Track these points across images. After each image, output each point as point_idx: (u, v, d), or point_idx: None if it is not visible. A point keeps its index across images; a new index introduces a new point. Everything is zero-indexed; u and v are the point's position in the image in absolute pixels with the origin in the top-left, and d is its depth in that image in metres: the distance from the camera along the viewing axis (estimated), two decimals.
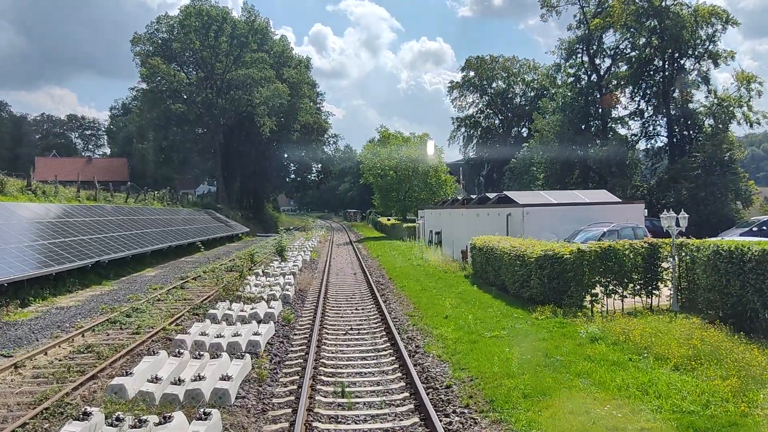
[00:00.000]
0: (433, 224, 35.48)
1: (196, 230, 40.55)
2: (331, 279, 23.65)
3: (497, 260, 17.91)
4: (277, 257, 29.34)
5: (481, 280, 20.09)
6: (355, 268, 27.66)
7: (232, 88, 60.19)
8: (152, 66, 57.29)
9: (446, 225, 31.25)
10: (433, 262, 26.85)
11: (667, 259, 14.72)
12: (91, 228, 26.08)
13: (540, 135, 60.69)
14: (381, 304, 16.64)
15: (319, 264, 30.23)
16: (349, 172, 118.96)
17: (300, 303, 17.98)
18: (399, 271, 25.15)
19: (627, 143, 54.09)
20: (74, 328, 14.41)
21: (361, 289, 20.67)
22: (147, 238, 30.22)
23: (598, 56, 58.96)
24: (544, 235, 22.92)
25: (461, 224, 27.98)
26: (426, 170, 51.76)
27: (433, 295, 17.87)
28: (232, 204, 67.58)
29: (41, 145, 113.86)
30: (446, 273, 23.17)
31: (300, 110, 67.42)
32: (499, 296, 16.90)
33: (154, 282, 23.14)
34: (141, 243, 28.62)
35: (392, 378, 10.09)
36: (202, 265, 29.37)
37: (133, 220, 32.51)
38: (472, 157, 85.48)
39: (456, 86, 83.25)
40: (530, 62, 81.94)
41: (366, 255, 35.77)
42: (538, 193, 27.18)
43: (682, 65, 49.95)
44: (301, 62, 72.85)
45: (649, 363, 9.40)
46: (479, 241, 20.69)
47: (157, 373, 9.22)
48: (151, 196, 45.15)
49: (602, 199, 26.09)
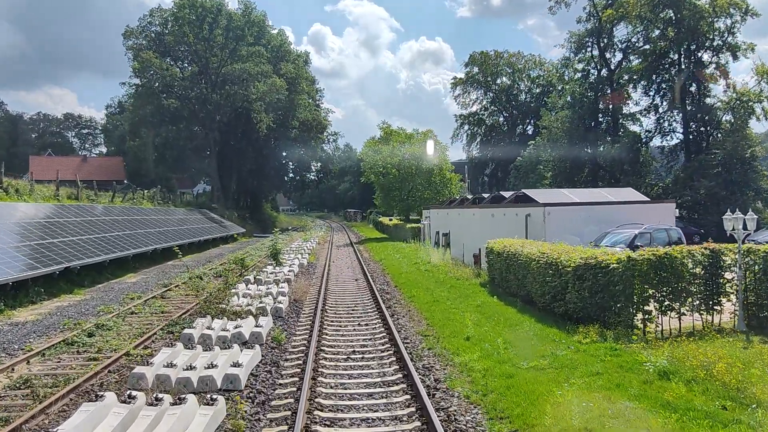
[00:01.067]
0: (440, 225, 33.13)
1: (187, 231, 38.17)
2: (330, 286, 21.28)
3: (521, 268, 15.54)
4: (272, 261, 26.95)
5: (500, 289, 17.72)
6: (356, 273, 25.29)
7: (228, 82, 57.76)
8: (144, 60, 54.89)
9: (456, 226, 28.89)
10: (442, 267, 24.49)
11: (730, 268, 12.37)
12: (65, 230, 23.68)
13: (548, 132, 58.34)
14: (388, 319, 14.26)
15: (317, 268, 27.86)
16: (349, 171, 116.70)
17: (294, 317, 15.60)
18: (405, 277, 22.77)
19: (640, 140, 51.70)
20: (22, 351, 12.03)
21: (364, 300, 18.29)
22: (131, 240, 27.84)
23: (609, 50, 56.60)
24: (567, 238, 20.57)
25: (473, 225, 25.61)
26: (430, 168, 49.35)
27: (447, 308, 15.50)
28: (229, 204, 65.16)
29: (38, 144, 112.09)
30: (458, 280, 20.79)
31: (298, 107, 65.00)
32: (525, 310, 14.52)
33: (133, 290, 20.77)
34: (123, 246, 26.24)
35: (409, 429, 7.72)
36: (190, 270, 27.00)
37: (116, 221, 30.13)
38: (476, 155, 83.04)
39: (459, 82, 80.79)
40: (536, 58, 79.61)
41: (368, 258, 33.42)
42: (559, 191, 24.79)
43: (700, 58, 47.55)
44: (300, 57, 70.43)
45: (757, 417, 7.01)
46: (497, 244, 18.33)
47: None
48: (140, 195, 42.74)
49: (628, 198, 23.71)
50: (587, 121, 57.03)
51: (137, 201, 40.42)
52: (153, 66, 55.07)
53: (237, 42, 58.79)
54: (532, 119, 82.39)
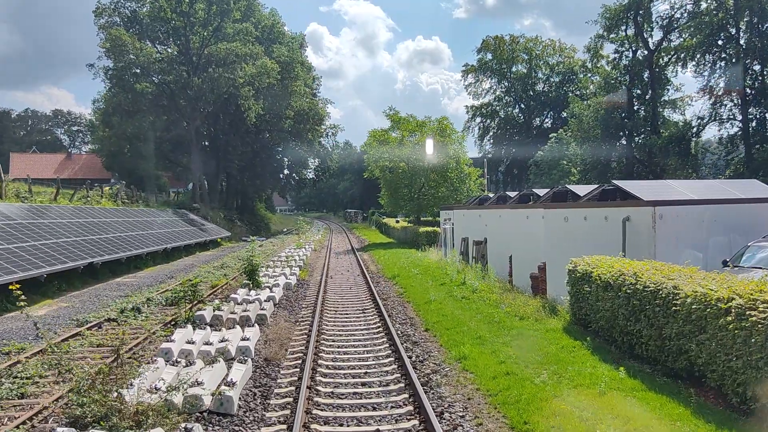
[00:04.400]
0: (468, 230, 25.87)
1: (152, 237, 30.85)
2: (326, 329, 13.97)
3: (664, 314, 8.33)
4: (248, 281, 19.66)
5: (615, 347, 10.46)
6: (364, 302, 17.98)
7: (211, 64, 50.36)
8: (114, 37, 47.53)
9: (495, 232, 21.60)
10: (485, 292, 17.20)
11: None
12: None
13: (577, 121, 51.08)
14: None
15: (309, 289, 20.56)
16: (349, 170, 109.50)
17: (255, 410, 8.31)
18: (437, 311, 15.44)
19: (690, 129, 44.41)
20: None
21: (383, 363, 10.96)
22: (57, 251, 20.50)
23: (648, 28, 49.42)
24: (686, 253, 13.40)
25: (525, 232, 18.32)
26: (445, 162, 41.96)
27: (538, 393, 8.22)
28: (215, 203, 57.82)
29: (27, 142, 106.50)
30: (523, 320, 13.49)
31: (293, 94, 57.63)
32: (702, 408, 7.28)
33: (27, 332, 13.50)
34: (44, 259, 18.93)
35: None
36: (137, 293, 19.73)
37: (39, 226, 22.78)
38: (489, 149, 75.67)
39: (471, 70, 73.52)
40: (555, 43, 72.24)
41: (376, 272, 26.10)
42: (664, 184, 17.38)
43: (764, 31, 40.31)
44: (294, 40, 63.04)
45: None
46: (600, 267, 11.11)
47: None
48: (96, 193, 35.33)
49: (758, 194, 16.40)
50: (621, 109, 49.84)
51: (92, 200, 33.00)
52: (125, 45, 47.66)
53: (222, 18, 51.41)
54: (551, 111, 75.23)
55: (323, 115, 65.45)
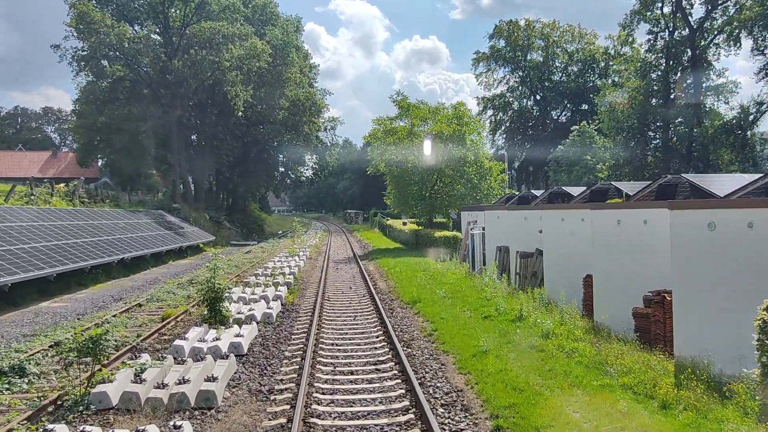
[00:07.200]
0: (508, 237, 19.92)
1: (105, 245, 24.89)
2: (318, 424, 7.99)
3: None
4: (209, 313, 13.70)
5: None
6: (377, 350, 12.02)
7: (194, 46, 44.39)
8: (82, 13, 41.59)
9: (557, 244, 15.61)
10: (563, 338, 11.25)
11: None
12: None
13: (610, 110, 45.14)
14: None
15: (296, 325, 14.57)
16: (349, 168, 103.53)
17: None
18: (501, 376, 9.44)
19: (747, 116, 38.46)
20: None
21: None
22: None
23: (688, 4, 43.55)
24: None
25: (613, 244, 12.35)
26: (463, 155, 35.91)
27: None
28: (200, 203, 51.83)
29: (15, 140, 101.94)
30: (668, 409, 7.52)
31: (287, 81, 51.65)
32: None
33: None
34: None
35: None
36: (49, 330, 13.82)
37: None
38: (502, 145, 69.64)
39: (483, 58, 67.48)
40: (574, 28, 66.18)
41: (387, 293, 20.06)
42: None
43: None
44: (289, 22, 56.98)
45: None
46: None
47: None
48: (45, 191, 29.32)
49: None
50: (659, 96, 44.00)
51: (38, 199, 26.99)
52: (94, 23, 41.70)
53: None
54: (569, 103, 69.29)
55: (321, 106, 59.40)
